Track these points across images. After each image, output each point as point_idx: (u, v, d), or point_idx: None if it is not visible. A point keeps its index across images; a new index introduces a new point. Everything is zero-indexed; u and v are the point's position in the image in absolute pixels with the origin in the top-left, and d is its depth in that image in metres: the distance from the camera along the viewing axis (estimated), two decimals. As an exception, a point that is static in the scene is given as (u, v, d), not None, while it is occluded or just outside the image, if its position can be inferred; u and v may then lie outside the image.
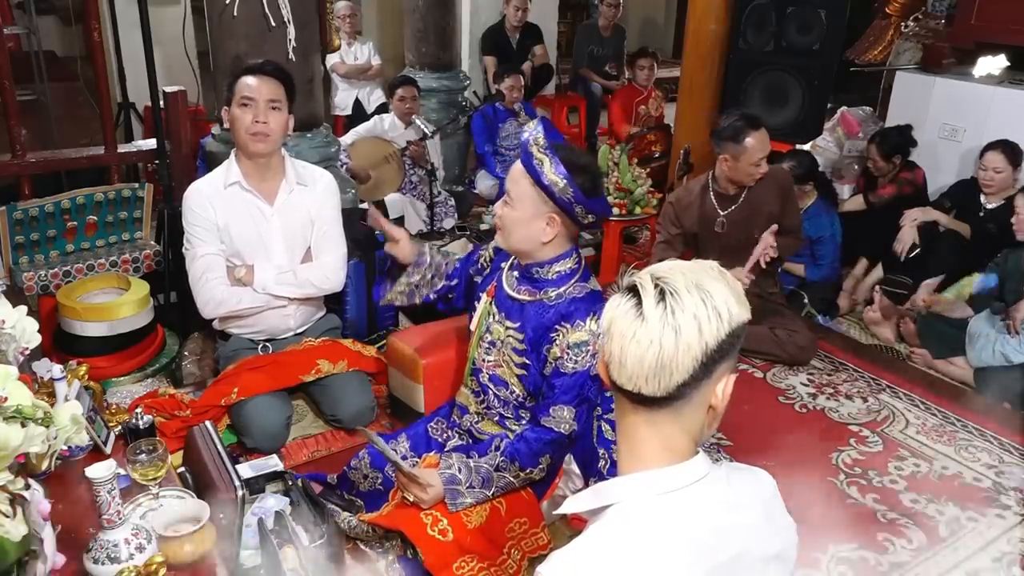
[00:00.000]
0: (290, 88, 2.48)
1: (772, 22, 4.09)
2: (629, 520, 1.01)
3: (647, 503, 1.02)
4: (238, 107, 2.41)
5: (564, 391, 1.88)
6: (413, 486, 1.87)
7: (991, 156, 3.60)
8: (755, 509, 1.07)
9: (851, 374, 3.23)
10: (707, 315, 0.96)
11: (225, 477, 1.63)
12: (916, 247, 3.71)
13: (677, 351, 0.96)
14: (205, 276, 2.46)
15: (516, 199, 1.87)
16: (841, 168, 4.78)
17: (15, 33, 4.71)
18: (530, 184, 1.83)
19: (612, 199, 4.04)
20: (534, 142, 1.82)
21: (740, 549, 1.03)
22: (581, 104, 6.36)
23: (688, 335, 0.96)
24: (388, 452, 1.89)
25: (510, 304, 2.00)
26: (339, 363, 2.54)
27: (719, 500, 1.04)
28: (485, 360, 2.06)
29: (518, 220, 1.88)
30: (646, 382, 0.98)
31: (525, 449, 1.89)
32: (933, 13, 5.18)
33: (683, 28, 4.76)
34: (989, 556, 2.26)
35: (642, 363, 0.97)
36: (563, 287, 1.93)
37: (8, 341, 1.47)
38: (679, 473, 1.03)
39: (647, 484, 1.03)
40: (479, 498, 1.89)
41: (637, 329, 0.97)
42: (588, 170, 1.87)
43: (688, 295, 0.97)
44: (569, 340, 1.86)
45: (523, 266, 1.98)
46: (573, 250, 1.96)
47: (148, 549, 1.41)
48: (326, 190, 2.61)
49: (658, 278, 0.99)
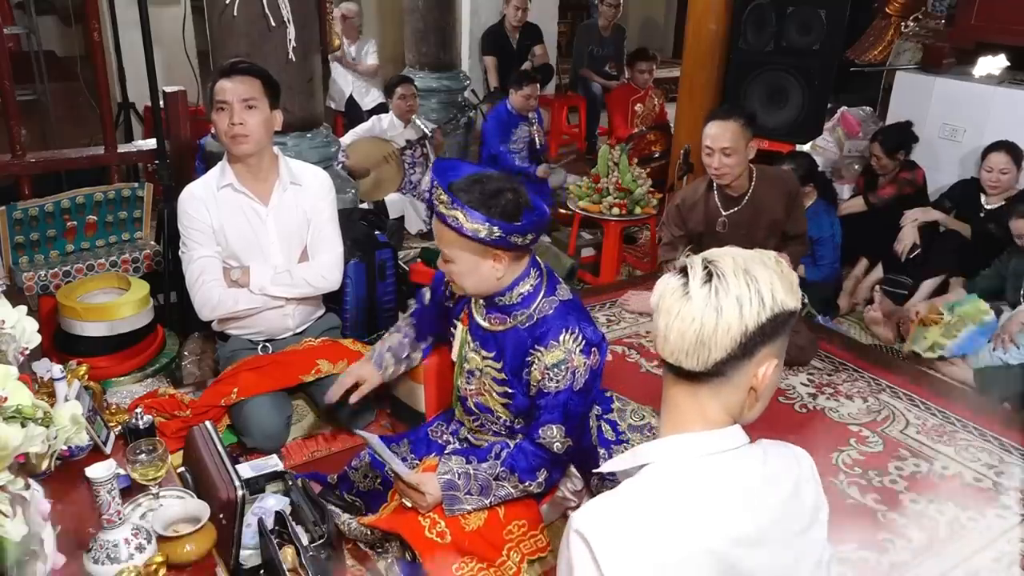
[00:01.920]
0: (269, 84, 2.43)
1: (772, 22, 4.08)
2: (664, 479, 1.06)
3: (683, 464, 1.07)
4: (216, 112, 2.40)
5: (549, 410, 1.86)
6: (411, 492, 1.87)
7: (996, 157, 3.59)
8: (786, 485, 1.10)
9: (851, 374, 3.23)
10: (749, 298, 1.01)
11: (225, 477, 1.63)
12: (917, 247, 3.71)
13: (717, 330, 1.01)
14: (201, 278, 2.46)
15: (452, 255, 1.82)
16: (841, 168, 4.78)
17: (15, 33, 4.70)
18: (457, 237, 1.77)
19: (612, 199, 4.04)
20: (439, 201, 1.75)
21: (769, 521, 1.06)
22: (581, 104, 6.36)
23: (729, 316, 1.01)
24: (388, 457, 1.89)
25: (484, 334, 1.98)
26: (339, 363, 2.54)
27: (752, 471, 1.08)
28: (468, 388, 2.05)
29: (464, 271, 1.83)
30: (686, 357, 1.04)
31: (523, 463, 1.89)
32: (933, 13, 5.18)
33: (683, 28, 4.75)
34: (989, 556, 2.26)
35: (683, 339, 1.03)
36: (531, 306, 1.88)
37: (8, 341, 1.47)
38: (715, 439, 1.08)
39: (683, 446, 1.08)
40: (477, 505, 1.88)
41: (682, 307, 1.03)
42: (498, 194, 1.76)
43: (734, 278, 1.02)
44: (546, 362, 1.83)
45: (487, 296, 1.93)
46: (530, 266, 1.90)
47: (148, 549, 1.41)
48: (320, 189, 2.60)
49: (709, 261, 1.04)
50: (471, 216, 1.72)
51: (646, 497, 1.04)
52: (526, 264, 1.89)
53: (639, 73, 5.54)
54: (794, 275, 1.07)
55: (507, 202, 1.75)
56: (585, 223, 4.36)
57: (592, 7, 8.42)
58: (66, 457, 1.69)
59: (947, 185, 4.02)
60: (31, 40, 4.66)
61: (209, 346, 2.91)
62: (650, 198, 4.14)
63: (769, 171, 3.23)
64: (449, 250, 1.81)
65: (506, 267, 1.83)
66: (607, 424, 2.22)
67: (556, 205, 4.82)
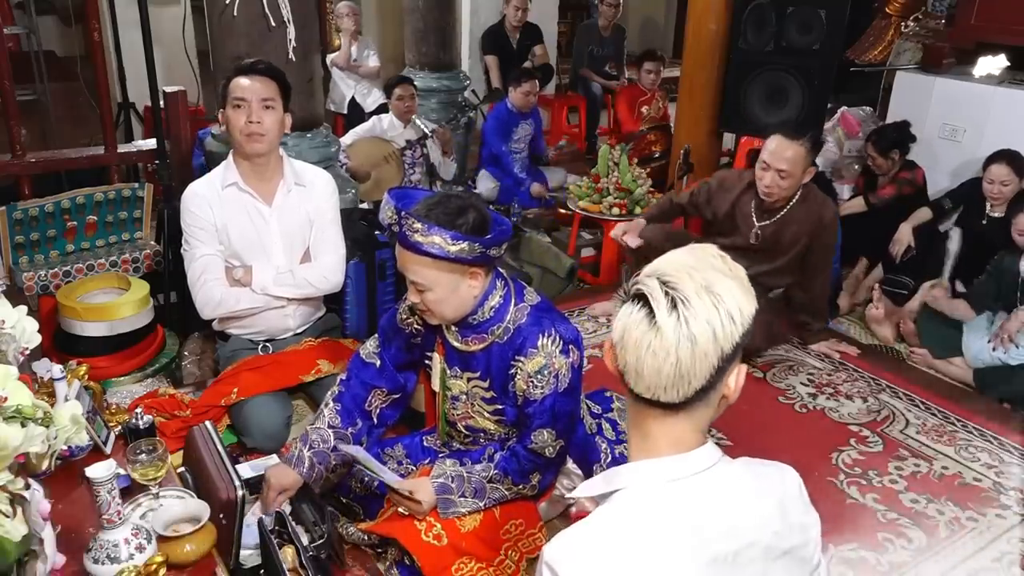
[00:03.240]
0: (284, 86, 2.46)
1: (772, 22, 4.08)
2: (635, 505, 1.03)
3: (653, 489, 1.04)
4: (232, 108, 2.40)
5: (538, 416, 1.86)
6: (405, 500, 1.87)
7: (997, 169, 3.53)
8: (769, 503, 1.08)
9: (851, 374, 3.23)
10: (720, 321, 0.97)
11: (225, 477, 1.64)
12: (911, 249, 3.72)
13: (694, 361, 0.97)
14: (203, 277, 2.46)
15: (429, 283, 1.77)
16: (841, 168, 4.78)
17: (15, 33, 4.70)
18: (432, 262, 1.73)
19: (612, 199, 4.04)
20: (411, 229, 1.69)
21: (747, 541, 1.04)
22: (581, 104, 6.36)
23: (704, 343, 0.97)
24: (377, 469, 1.88)
25: (466, 357, 1.95)
26: (339, 363, 2.54)
27: (728, 491, 1.05)
28: (455, 413, 2.04)
29: (443, 298, 1.80)
30: (664, 391, 1.00)
31: (516, 467, 1.89)
32: (933, 13, 5.18)
33: (683, 28, 4.75)
34: (989, 556, 2.26)
35: (659, 374, 0.98)
36: (505, 319, 1.88)
37: (8, 341, 1.47)
38: (686, 462, 1.05)
39: (654, 471, 1.05)
40: (472, 508, 1.88)
41: (651, 340, 0.97)
42: (464, 211, 1.74)
43: (699, 300, 0.97)
44: (528, 370, 1.83)
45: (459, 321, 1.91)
46: (495, 277, 1.89)
47: (148, 549, 1.41)
48: (324, 190, 2.60)
49: (665, 283, 0.98)
50: (451, 237, 1.69)
51: (616, 525, 1.02)
52: (491, 277, 1.87)
53: (646, 73, 5.53)
54: (742, 270, 1.04)
55: (474, 218, 1.74)
56: (585, 223, 4.36)
57: (592, 7, 8.42)
58: (66, 457, 1.69)
59: (947, 185, 4.01)
60: (31, 40, 4.65)
61: (209, 346, 2.91)
62: (650, 198, 4.13)
63: (815, 194, 3.13)
64: (424, 279, 1.77)
65: (482, 284, 1.82)
66: (607, 423, 2.23)
67: (556, 205, 4.83)
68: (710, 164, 4.53)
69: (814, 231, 3.09)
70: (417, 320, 2.02)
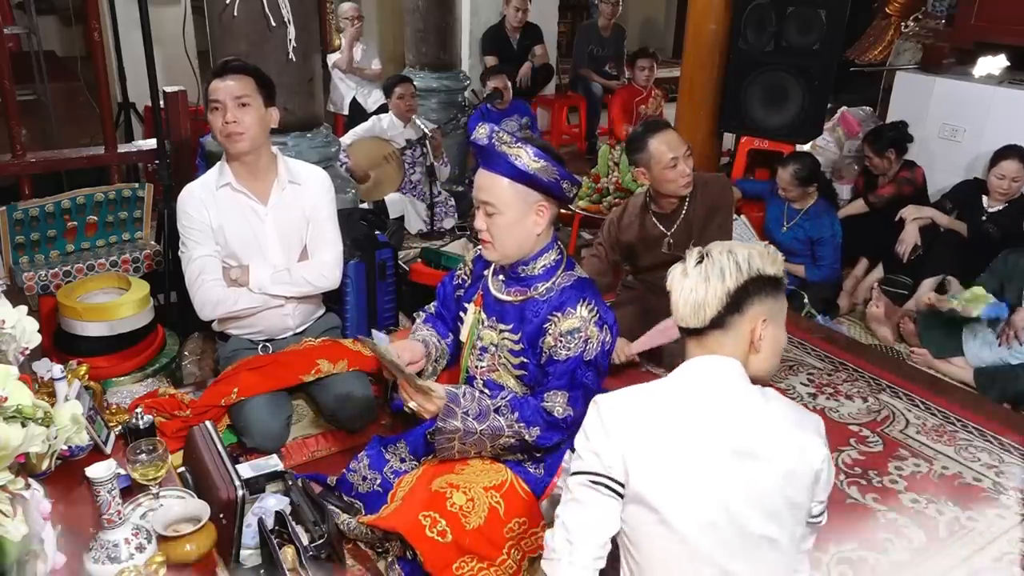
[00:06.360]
0: (261, 81, 2.43)
1: (772, 22, 4.09)
2: (675, 380, 1.43)
3: (695, 375, 1.42)
4: (210, 112, 2.42)
5: (557, 377, 1.90)
6: (418, 395, 1.86)
7: (1008, 165, 3.52)
8: (781, 425, 1.38)
9: (851, 374, 3.23)
10: (729, 267, 1.36)
11: (225, 477, 1.64)
12: (918, 248, 3.71)
13: (707, 293, 1.36)
14: (201, 278, 2.46)
15: (499, 205, 1.85)
16: (841, 168, 4.79)
17: (15, 33, 4.70)
18: (509, 184, 1.83)
19: (612, 199, 4.04)
20: (500, 140, 1.82)
21: (756, 445, 1.35)
22: (581, 104, 6.36)
23: (715, 281, 1.36)
24: (391, 359, 1.86)
25: (501, 307, 2.00)
26: (339, 363, 2.54)
27: (753, 403, 1.39)
28: (478, 367, 2.07)
29: (509, 224, 1.87)
30: (690, 318, 1.39)
31: (527, 411, 1.90)
32: (933, 13, 5.19)
33: (683, 28, 4.75)
34: (989, 556, 2.26)
35: (686, 305, 1.39)
36: (551, 279, 1.95)
37: (8, 341, 1.47)
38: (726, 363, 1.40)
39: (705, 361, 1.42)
40: (468, 429, 1.85)
41: (682, 283, 1.40)
42: (548, 145, 1.90)
43: (719, 255, 1.37)
44: (561, 328, 1.88)
45: (509, 267, 1.97)
46: (554, 240, 1.98)
47: (148, 549, 1.41)
48: (319, 187, 2.60)
49: (705, 249, 1.40)
50: (535, 154, 1.80)
51: (654, 389, 1.42)
52: (552, 238, 1.96)
53: (639, 71, 5.54)
54: (779, 254, 1.40)
55: (554, 154, 1.87)
56: (585, 223, 4.36)
57: (592, 7, 8.42)
58: (66, 457, 1.69)
59: (947, 185, 4.01)
60: (31, 40, 4.65)
61: (209, 346, 2.91)
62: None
63: (702, 178, 3.04)
64: (498, 200, 1.85)
65: (545, 225, 1.90)
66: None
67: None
68: (710, 164, 4.53)
69: (709, 212, 2.98)
70: (466, 271, 2.18)
